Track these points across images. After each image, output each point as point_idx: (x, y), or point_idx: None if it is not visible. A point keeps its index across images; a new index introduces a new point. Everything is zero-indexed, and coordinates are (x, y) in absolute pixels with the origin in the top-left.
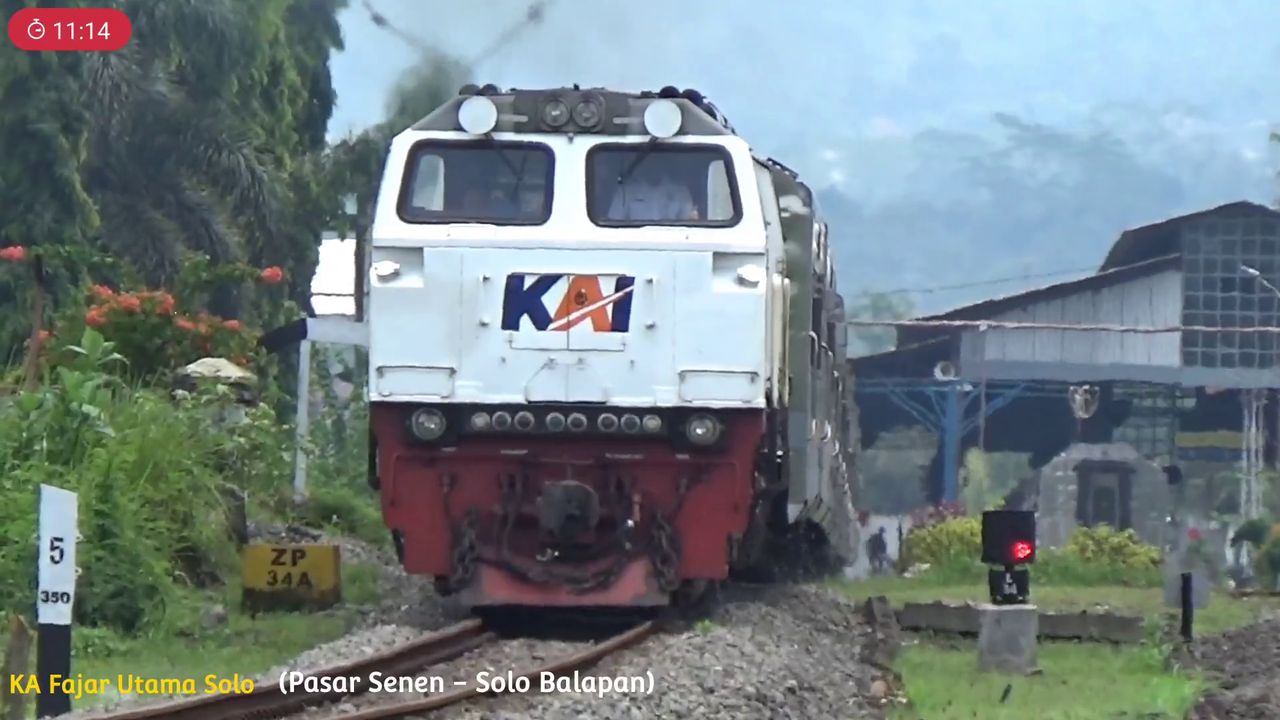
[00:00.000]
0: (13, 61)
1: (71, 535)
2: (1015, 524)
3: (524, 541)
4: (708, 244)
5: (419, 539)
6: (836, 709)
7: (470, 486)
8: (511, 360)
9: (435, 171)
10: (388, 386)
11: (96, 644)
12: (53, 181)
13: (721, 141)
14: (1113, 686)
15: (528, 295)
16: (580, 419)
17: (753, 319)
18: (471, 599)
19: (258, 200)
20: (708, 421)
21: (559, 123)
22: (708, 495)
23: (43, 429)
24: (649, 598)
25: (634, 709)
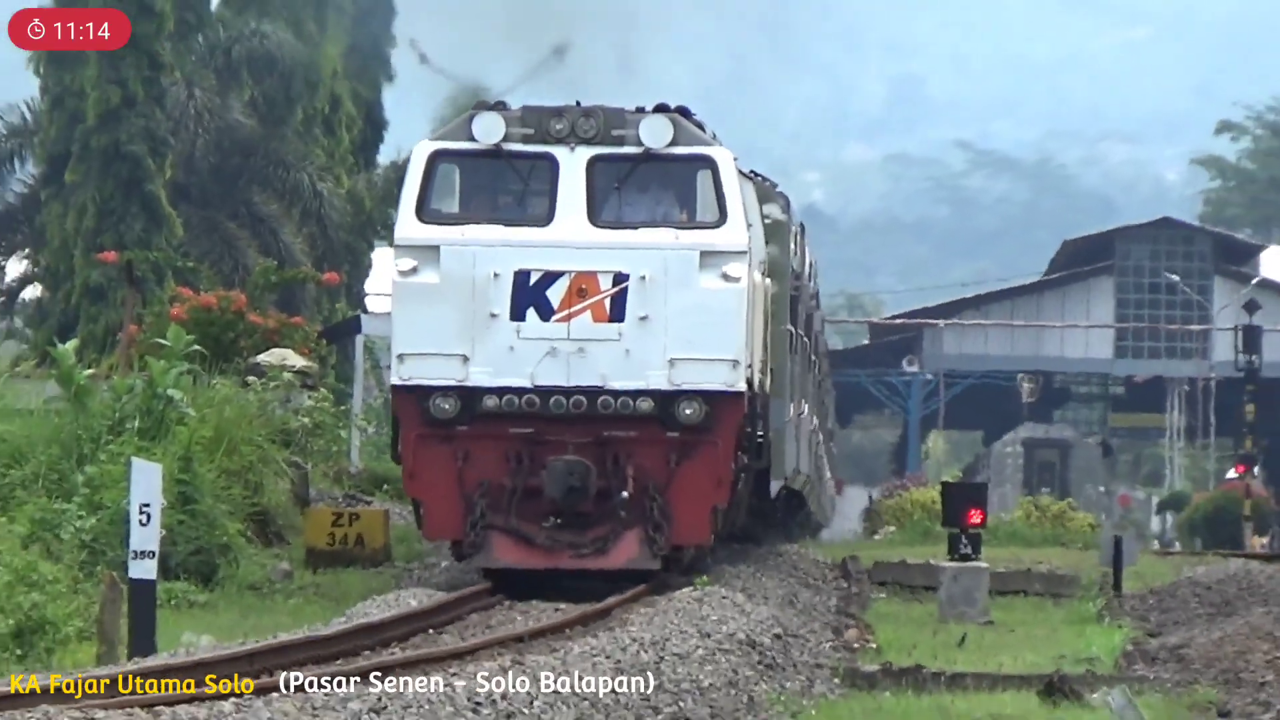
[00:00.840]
0: (106, 93)
1: (157, 501)
2: (970, 494)
3: (530, 510)
4: (695, 244)
5: (436, 508)
6: (816, 653)
7: (482, 461)
8: (519, 348)
9: (451, 178)
10: (408, 372)
11: (179, 596)
12: (142, 197)
13: (709, 151)
14: (1054, 635)
15: (533, 290)
16: (581, 401)
17: (735, 312)
18: (483, 562)
19: (319, 213)
20: (695, 403)
21: (562, 135)
22: (695, 470)
23: (133, 410)
24: (642, 562)
25: (642, 652)
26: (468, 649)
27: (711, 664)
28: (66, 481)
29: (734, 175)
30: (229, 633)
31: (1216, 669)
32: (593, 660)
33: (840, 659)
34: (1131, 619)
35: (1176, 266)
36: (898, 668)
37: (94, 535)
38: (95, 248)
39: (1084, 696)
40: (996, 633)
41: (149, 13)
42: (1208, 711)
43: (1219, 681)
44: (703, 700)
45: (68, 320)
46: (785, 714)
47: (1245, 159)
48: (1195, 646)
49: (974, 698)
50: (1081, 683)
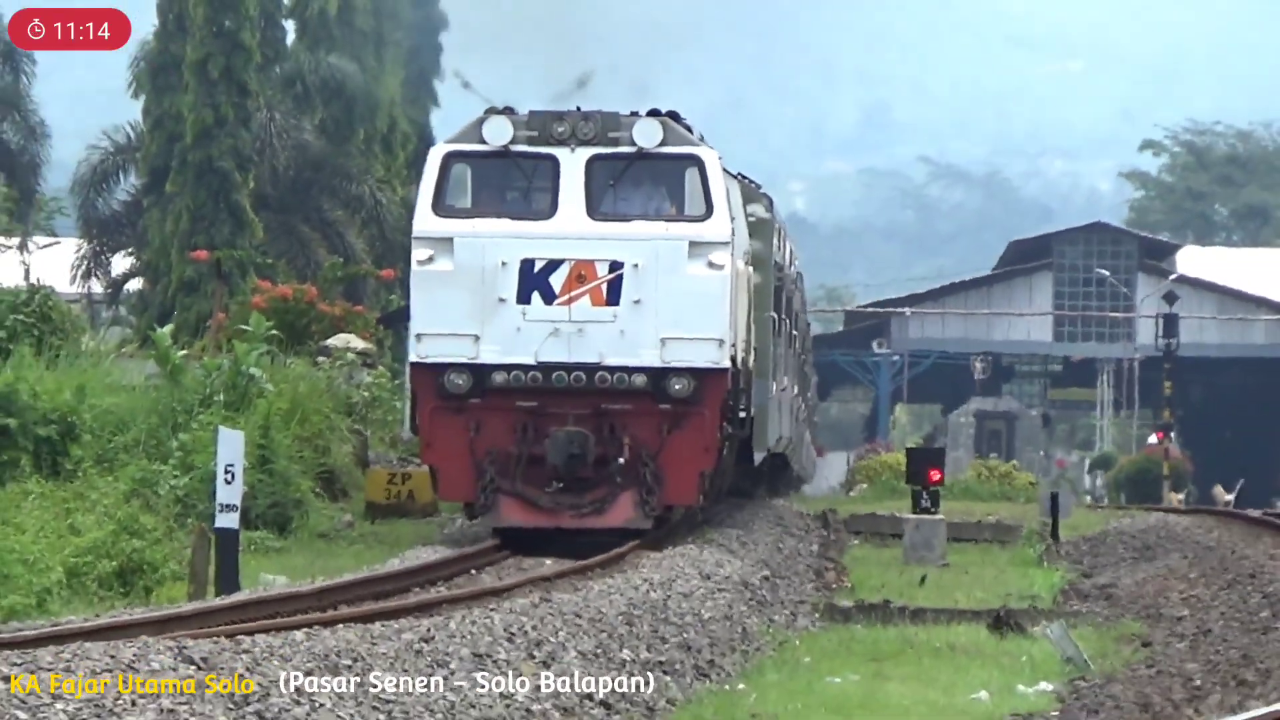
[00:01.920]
0: (201, 115)
1: (240, 462)
2: (930, 457)
3: (534, 476)
4: (684, 235)
5: (449, 474)
6: (799, 591)
7: (491, 431)
8: (524, 329)
9: (463, 176)
10: (424, 350)
11: (258, 543)
12: (230, 204)
13: (696, 151)
14: (1001, 575)
15: (538, 276)
16: (580, 377)
17: (720, 296)
18: (492, 522)
19: (378, 218)
20: (684, 379)
21: (563, 137)
22: (684, 438)
23: (220, 385)
24: (636, 521)
25: (651, 591)
26: (504, 587)
27: (711, 601)
28: (163, 446)
29: (719, 173)
30: (301, 573)
31: (1140, 605)
32: (610, 597)
33: (820, 596)
34: (1067, 563)
35: (1106, 264)
36: (868, 603)
37: (186, 492)
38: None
39: (1027, 628)
40: (952, 574)
41: (240, 48)
42: (1133, 642)
43: (1142, 616)
44: (703, 631)
45: (165, 309)
46: (773, 643)
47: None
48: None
49: (933, 629)
50: (1025, 616)
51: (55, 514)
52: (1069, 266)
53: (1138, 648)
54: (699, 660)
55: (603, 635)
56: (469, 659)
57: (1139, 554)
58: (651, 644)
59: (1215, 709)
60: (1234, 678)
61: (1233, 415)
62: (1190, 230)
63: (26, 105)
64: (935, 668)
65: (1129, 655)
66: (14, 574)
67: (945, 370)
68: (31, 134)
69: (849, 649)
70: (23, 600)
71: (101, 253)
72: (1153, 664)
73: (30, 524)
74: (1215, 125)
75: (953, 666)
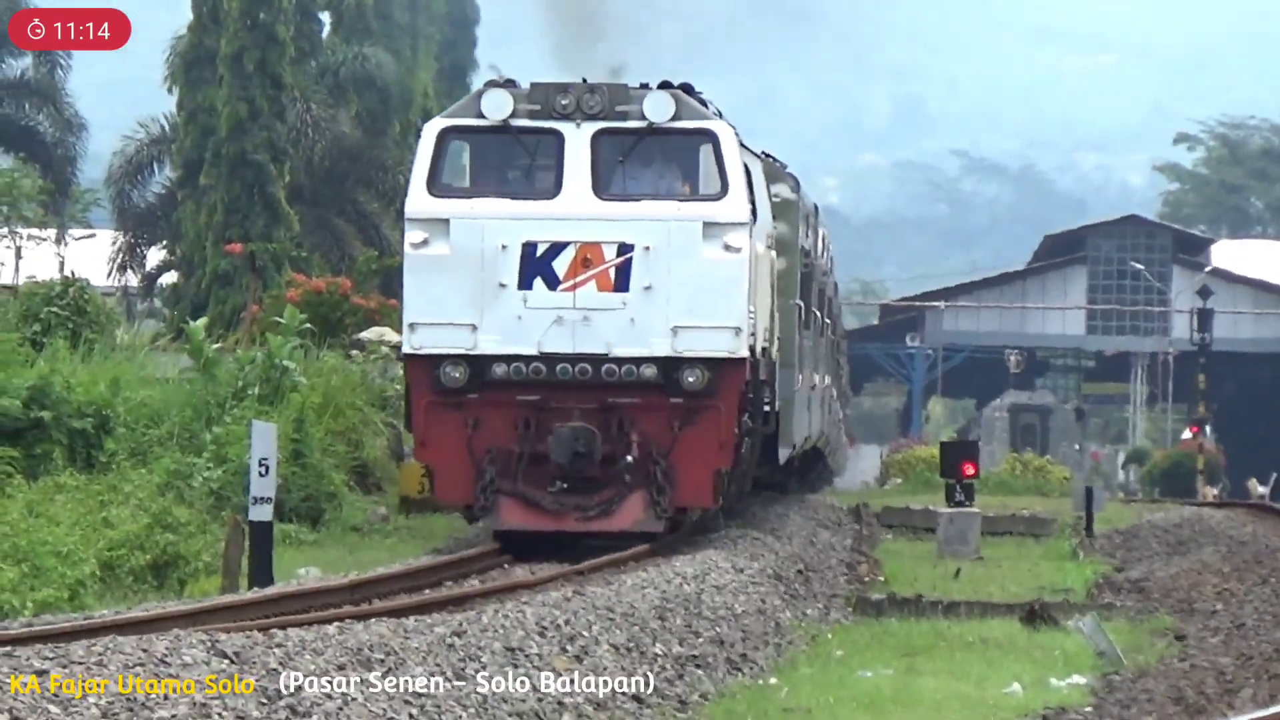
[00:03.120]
0: (235, 108)
1: (274, 455)
2: (964, 450)
3: (537, 475)
4: (698, 215)
5: (447, 474)
6: (832, 584)
7: (490, 427)
8: (526, 317)
9: (460, 153)
10: (418, 340)
11: (292, 536)
12: (264, 197)
13: (710, 125)
14: (1035, 568)
15: (540, 261)
16: (586, 368)
17: (737, 280)
18: (492, 525)
19: None
20: (697, 370)
21: (568, 110)
22: (698, 434)
23: (254, 378)
24: (646, 524)
25: (685, 585)
26: (536, 581)
27: (744, 595)
28: (197, 439)
29: (735, 149)
30: (335, 567)
31: (1173, 599)
32: (642, 591)
33: (853, 590)
34: (1100, 556)
35: (1140, 257)
36: (902, 597)
37: (220, 484)
38: (223, 240)
39: (1060, 622)
40: (986, 567)
41: (274, 41)
42: (1166, 635)
43: (1175, 609)
44: (736, 625)
45: (199, 302)
46: (806, 637)
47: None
48: (1155, 580)
49: (966, 623)
50: (1058, 610)
51: (89, 507)
52: (1103, 260)
53: (1171, 641)
54: (732, 654)
55: (635, 629)
56: (501, 653)
57: (1172, 548)
58: (684, 638)
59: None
60: (1267, 671)
61: (1267, 409)
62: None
63: (61, 98)
64: (968, 661)
65: (1162, 649)
66: (47, 567)
67: (979, 364)
68: (67, 126)
69: (882, 643)
70: (56, 593)
71: (136, 245)
72: (1186, 658)
73: (64, 517)
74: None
75: (985, 660)
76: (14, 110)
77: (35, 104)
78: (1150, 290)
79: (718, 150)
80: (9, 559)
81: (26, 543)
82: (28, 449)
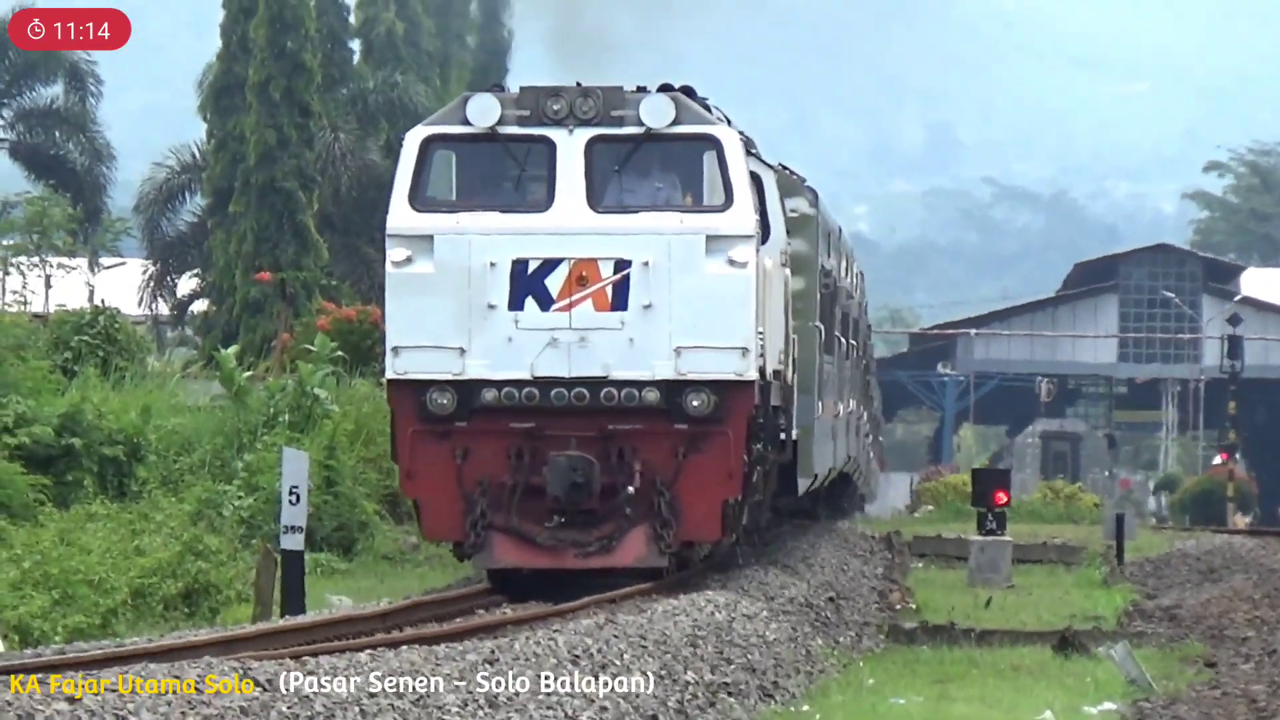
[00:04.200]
0: (264, 136)
1: (305, 484)
2: (996, 478)
3: (532, 509)
4: (700, 228)
5: (434, 508)
6: (864, 613)
7: (481, 458)
8: (518, 339)
9: (444, 164)
10: (403, 365)
11: (323, 564)
12: (294, 225)
13: (713, 131)
14: (1066, 596)
15: (532, 278)
16: (583, 393)
17: (743, 297)
18: (484, 563)
19: None
20: (703, 393)
21: (560, 116)
22: (704, 463)
23: (285, 406)
24: (650, 560)
25: (716, 612)
26: (568, 609)
27: (775, 623)
28: (228, 467)
29: (740, 156)
30: (366, 595)
31: (1204, 626)
32: (674, 619)
33: (885, 618)
34: (1131, 584)
35: (1171, 285)
36: (934, 625)
37: (251, 513)
38: (254, 268)
39: (1091, 649)
40: (1017, 595)
41: (301, 69)
42: (1196, 663)
43: (1206, 637)
44: (768, 653)
45: (230, 330)
46: (838, 664)
47: (1230, 193)
48: (1186, 607)
49: (998, 651)
50: (1089, 637)
51: (120, 535)
52: (1134, 288)
53: (1201, 669)
54: (763, 681)
55: (667, 656)
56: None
57: (1203, 575)
58: (716, 665)
59: None
60: None
61: None
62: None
63: (91, 126)
64: (1000, 689)
65: (1193, 676)
66: (79, 594)
67: (1011, 392)
68: (97, 154)
69: (913, 670)
70: (87, 620)
71: (167, 273)
72: (1217, 685)
73: (95, 545)
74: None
75: (1017, 687)
76: (44, 138)
77: (65, 132)
78: (1181, 318)
79: (721, 157)
80: (41, 586)
81: (58, 570)
82: (59, 477)
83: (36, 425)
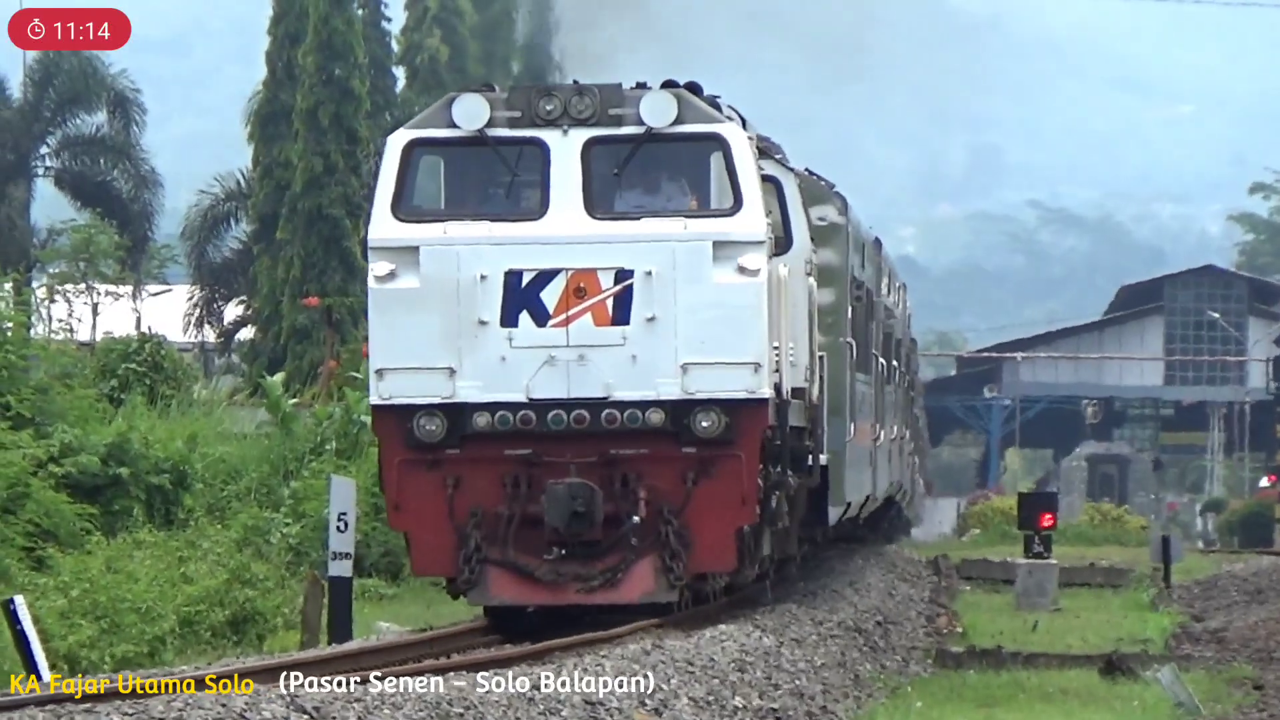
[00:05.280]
0: (310, 163)
1: (352, 511)
2: (1042, 501)
3: (530, 541)
4: (707, 233)
5: (425, 542)
6: (911, 636)
7: (474, 487)
8: (511, 358)
9: (430, 170)
10: (387, 389)
11: (370, 590)
12: (340, 251)
13: (719, 129)
14: (1113, 619)
15: (526, 292)
16: (583, 415)
17: (754, 308)
18: (479, 600)
19: None
20: (712, 413)
21: (553, 116)
22: (715, 488)
23: (332, 433)
24: (659, 594)
25: (764, 637)
26: (616, 635)
27: (823, 647)
28: (274, 494)
29: (749, 156)
30: (414, 621)
31: (1252, 649)
32: (722, 644)
33: (932, 642)
34: (1179, 606)
35: (1217, 307)
36: (981, 649)
37: (298, 540)
38: (300, 295)
39: (1138, 672)
40: (1064, 619)
41: (349, 95)
42: (1244, 685)
43: (1254, 659)
44: (816, 677)
45: (277, 357)
46: (885, 689)
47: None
48: (1233, 630)
49: (1045, 674)
50: (1136, 661)
51: (168, 563)
52: (1180, 310)
53: (1249, 691)
54: (811, 707)
55: (714, 681)
56: (581, 706)
57: (1251, 597)
58: (764, 691)
59: None
60: None
61: None
62: None
63: (136, 153)
64: (1047, 712)
65: (1240, 699)
66: (126, 623)
67: (1057, 415)
68: (142, 182)
69: (961, 694)
70: (134, 649)
71: (213, 300)
72: (1264, 708)
73: (143, 573)
74: None
75: (1064, 711)
76: (89, 166)
77: (110, 160)
78: (1227, 340)
79: (728, 158)
80: (88, 615)
81: (106, 599)
82: (106, 505)
83: (83, 454)
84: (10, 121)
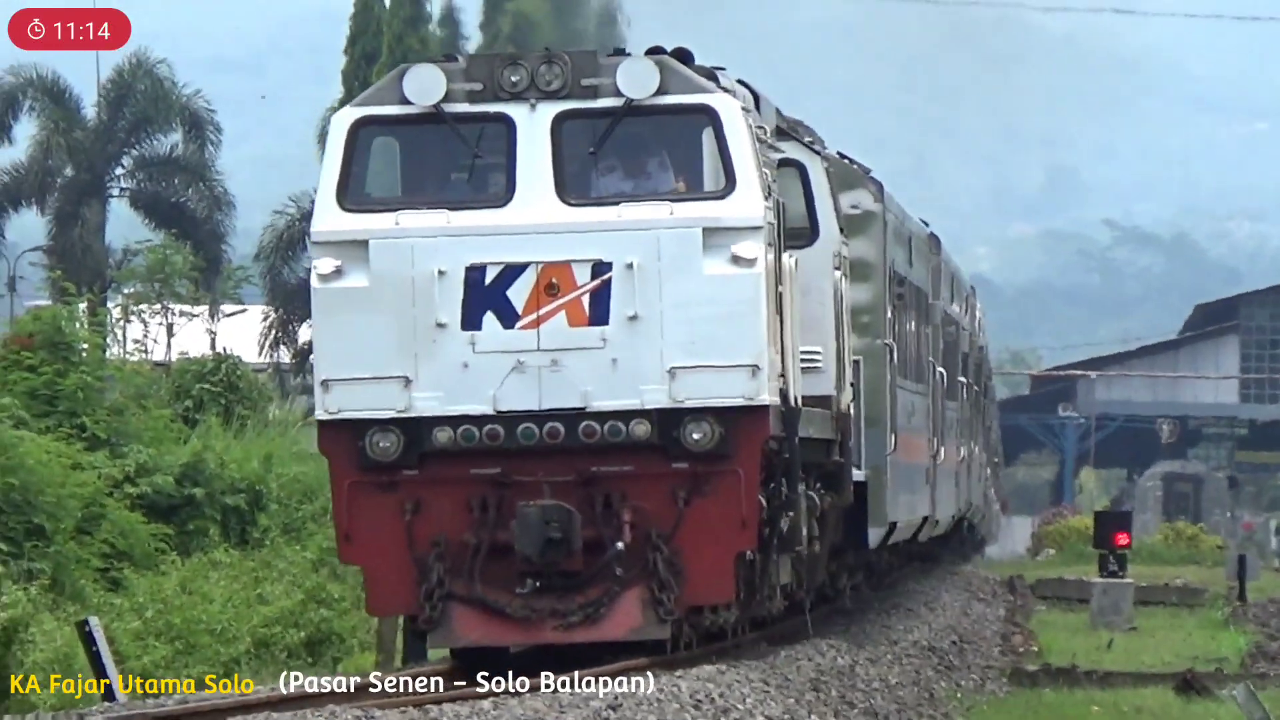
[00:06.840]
0: None
1: None
2: (1117, 520)
3: (500, 573)
4: (696, 219)
5: (380, 577)
6: (987, 656)
7: (435, 513)
8: (475, 365)
9: (380, 152)
10: (335, 403)
11: None
12: None
13: (707, 100)
14: (1189, 638)
15: (490, 289)
16: (557, 429)
17: (751, 303)
18: (444, 641)
19: None
20: (705, 424)
21: (519, 88)
22: (710, 509)
23: None
24: (647, 630)
25: (838, 657)
26: (688, 658)
27: (898, 666)
28: None
29: (743, 128)
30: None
31: None
32: (797, 663)
33: (1007, 661)
34: (1254, 625)
35: None
36: (1056, 668)
37: None
38: None
39: (1214, 692)
40: (1139, 638)
41: None
42: None
43: None
44: (891, 697)
45: None
46: (960, 708)
47: None
48: None
49: (1120, 693)
50: (1211, 679)
51: (243, 583)
52: (1255, 329)
53: None
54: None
55: (790, 701)
56: None
57: None
58: (839, 710)
59: None
60: None
61: None
62: None
63: (211, 174)
64: None
65: None
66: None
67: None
68: (216, 202)
69: (1036, 713)
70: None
71: (288, 321)
72: None
73: (218, 594)
74: None
75: None
76: (164, 187)
77: (185, 180)
78: None
79: (719, 132)
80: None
81: (180, 620)
82: (181, 526)
83: (158, 475)
84: (85, 142)
